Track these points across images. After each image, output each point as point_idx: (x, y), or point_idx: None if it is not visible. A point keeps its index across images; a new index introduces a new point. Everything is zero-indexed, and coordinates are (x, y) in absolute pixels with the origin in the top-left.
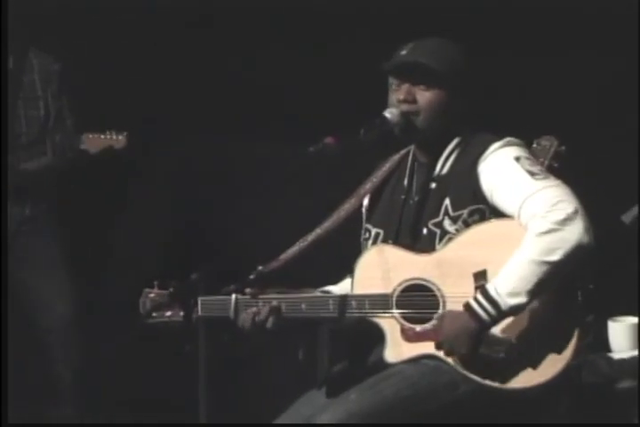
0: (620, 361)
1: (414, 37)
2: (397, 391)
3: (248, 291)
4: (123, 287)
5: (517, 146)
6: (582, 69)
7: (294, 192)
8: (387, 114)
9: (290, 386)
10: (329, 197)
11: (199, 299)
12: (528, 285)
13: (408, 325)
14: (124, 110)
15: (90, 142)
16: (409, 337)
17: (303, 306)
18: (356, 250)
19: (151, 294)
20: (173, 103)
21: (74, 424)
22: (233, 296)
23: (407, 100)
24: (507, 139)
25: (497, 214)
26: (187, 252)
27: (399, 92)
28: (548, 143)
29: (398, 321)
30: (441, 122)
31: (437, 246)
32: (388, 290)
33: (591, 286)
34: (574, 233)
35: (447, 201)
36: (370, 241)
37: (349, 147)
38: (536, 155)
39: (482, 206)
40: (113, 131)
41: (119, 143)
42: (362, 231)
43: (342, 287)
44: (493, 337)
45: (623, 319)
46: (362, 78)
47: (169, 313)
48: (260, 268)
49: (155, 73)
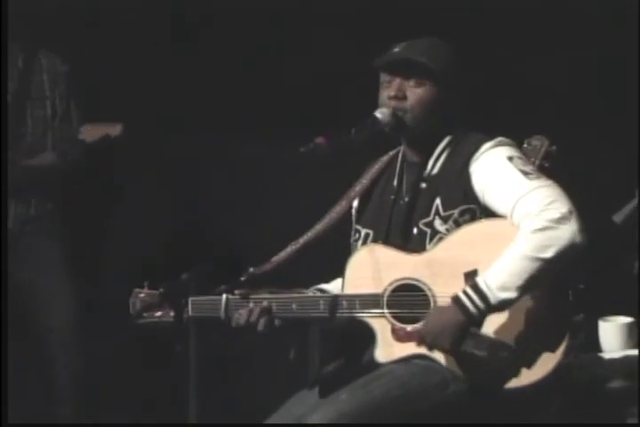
0: (611, 361)
1: (407, 37)
2: (388, 391)
3: (238, 292)
4: (119, 286)
5: (509, 146)
6: (573, 69)
7: (286, 192)
8: (377, 114)
9: (281, 386)
10: (320, 197)
11: (189, 299)
12: (519, 280)
13: (399, 324)
14: (127, 108)
15: (87, 132)
16: (400, 337)
17: (294, 306)
18: (347, 251)
19: (141, 294)
20: (169, 103)
21: (74, 424)
22: (224, 296)
23: (397, 96)
24: (498, 139)
25: (488, 214)
26: (178, 252)
27: (390, 88)
28: (539, 143)
29: (389, 321)
30: (431, 120)
31: (428, 246)
32: (379, 290)
33: (582, 286)
34: (568, 232)
35: (438, 201)
36: (360, 242)
37: (340, 147)
38: (527, 155)
39: (473, 206)
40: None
41: (115, 130)
42: (352, 232)
43: (335, 286)
44: (480, 336)
45: (614, 319)
46: (352, 78)
47: (159, 313)
48: (252, 269)
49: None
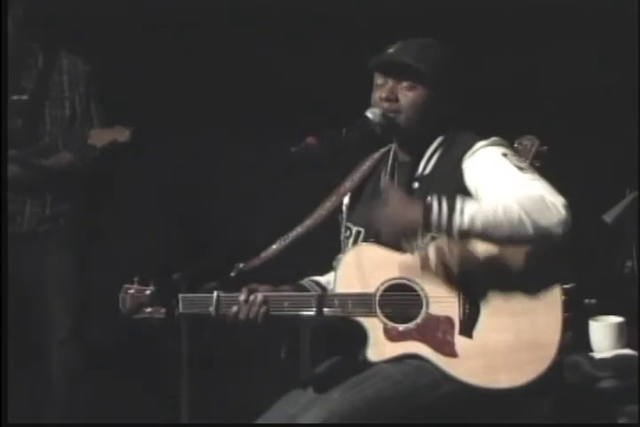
0: (602, 360)
1: (401, 37)
2: (380, 391)
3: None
4: (114, 283)
5: (503, 146)
6: (565, 69)
7: (277, 192)
8: (368, 114)
9: (272, 385)
10: (312, 197)
11: (180, 296)
12: (488, 227)
13: (391, 324)
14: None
15: (96, 137)
16: (392, 336)
17: (286, 304)
18: (338, 248)
19: (131, 290)
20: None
21: (74, 424)
22: (215, 293)
23: (389, 98)
24: (492, 138)
25: None
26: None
27: (382, 90)
28: (530, 143)
29: (381, 320)
30: (423, 122)
31: (420, 244)
32: (371, 289)
33: (572, 286)
34: (557, 217)
35: (428, 198)
36: (351, 239)
37: (331, 146)
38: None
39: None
40: (120, 126)
41: (123, 136)
42: (342, 229)
43: (329, 279)
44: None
45: (604, 319)
46: (344, 78)
47: (150, 309)
48: (241, 265)
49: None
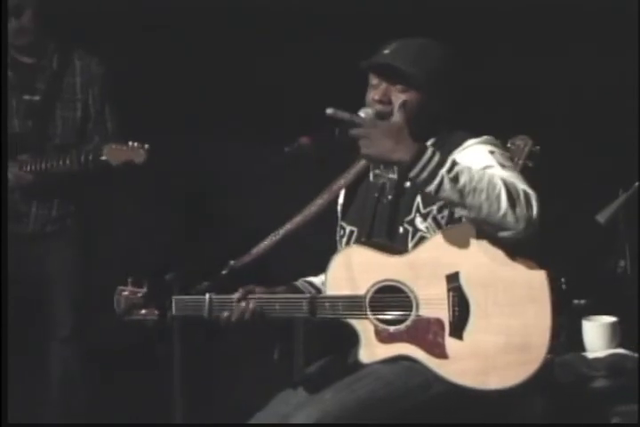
0: (595, 360)
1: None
2: (372, 391)
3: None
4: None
5: (493, 144)
6: (562, 69)
7: (270, 192)
8: (361, 114)
9: (265, 385)
10: (304, 197)
11: (173, 298)
12: (469, 187)
13: (382, 326)
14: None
15: (111, 154)
16: (383, 338)
17: (277, 307)
18: (332, 247)
19: (125, 292)
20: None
21: (74, 424)
22: (207, 296)
23: (382, 100)
24: (484, 137)
25: None
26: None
27: (376, 91)
28: (523, 143)
29: (372, 322)
30: (416, 124)
31: (410, 245)
32: (362, 291)
33: (563, 288)
34: (532, 211)
35: (418, 198)
36: (344, 239)
37: (324, 146)
38: (511, 154)
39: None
40: (135, 143)
41: (139, 157)
42: (337, 229)
43: (323, 280)
44: None
45: (597, 319)
46: (338, 78)
47: (143, 311)
48: (232, 262)
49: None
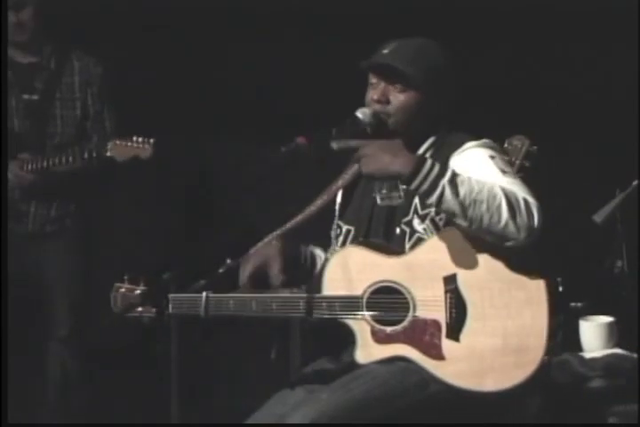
0: (592, 360)
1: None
2: (368, 391)
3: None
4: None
5: (492, 148)
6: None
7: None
8: (359, 114)
9: (262, 385)
10: (304, 196)
11: (170, 296)
12: (469, 198)
13: (378, 326)
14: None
15: (117, 150)
16: (379, 339)
17: (274, 306)
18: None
19: (122, 289)
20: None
21: (74, 424)
22: (203, 294)
23: (380, 100)
24: (483, 140)
25: None
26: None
27: (374, 91)
28: (520, 143)
29: (369, 323)
30: (414, 124)
31: (406, 246)
32: (358, 292)
33: (560, 290)
34: (533, 220)
35: (416, 200)
36: (341, 237)
37: (322, 146)
38: (508, 154)
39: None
40: (140, 138)
41: (145, 152)
42: (333, 226)
43: (323, 257)
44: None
45: (594, 319)
46: (338, 78)
47: (140, 309)
48: (230, 261)
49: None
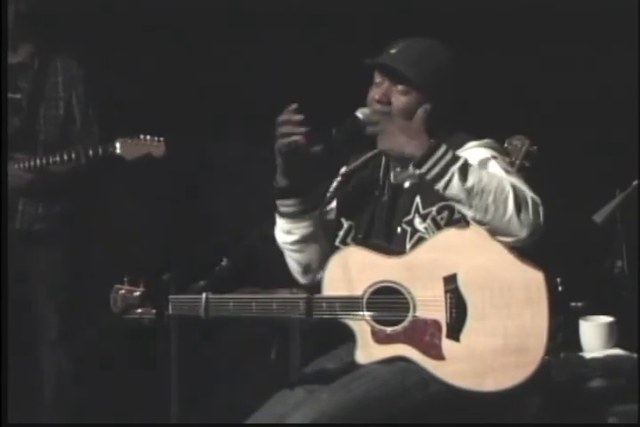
0: (592, 360)
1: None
2: (368, 391)
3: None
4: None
5: (494, 149)
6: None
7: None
8: (358, 114)
9: (262, 385)
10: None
11: (169, 297)
12: (478, 187)
13: (378, 327)
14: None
15: (126, 148)
16: (379, 339)
17: (274, 306)
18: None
19: (122, 291)
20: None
21: (74, 424)
22: (203, 295)
23: (382, 100)
24: (485, 140)
25: None
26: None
27: (377, 91)
28: (520, 143)
29: (369, 323)
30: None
31: (407, 246)
32: (359, 292)
33: (560, 290)
34: (538, 218)
35: (418, 199)
36: (341, 233)
37: (321, 146)
38: (508, 154)
39: (451, 203)
40: (148, 136)
41: (158, 150)
42: (334, 224)
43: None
44: None
45: (594, 319)
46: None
47: (140, 310)
48: (229, 262)
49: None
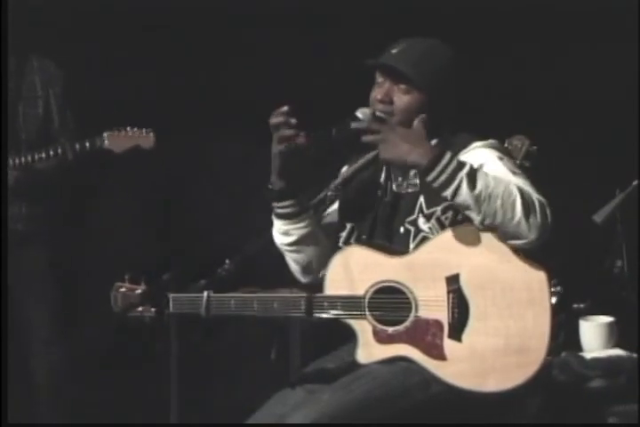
0: (592, 360)
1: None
2: (369, 391)
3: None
4: (104, 282)
5: (499, 150)
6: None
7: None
8: (358, 114)
9: (262, 385)
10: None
11: (170, 295)
12: (485, 193)
13: (380, 327)
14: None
15: (113, 140)
16: (381, 339)
17: (275, 305)
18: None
19: (122, 289)
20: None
21: (73, 424)
22: (205, 294)
23: (384, 100)
24: (489, 140)
25: None
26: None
27: (379, 90)
28: (520, 143)
29: (370, 323)
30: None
31: (411, 245)
32: (360, 292)
33: (562, 290)
34: (546, 220)
35: (422, 199)
36: (344, 234)
37: (321, 146)
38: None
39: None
40: (135, 127)
41: (147, 141)
42: (337, 225)
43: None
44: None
45: (595, 319)
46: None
47: (140, 308)
48: (231, 261)
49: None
